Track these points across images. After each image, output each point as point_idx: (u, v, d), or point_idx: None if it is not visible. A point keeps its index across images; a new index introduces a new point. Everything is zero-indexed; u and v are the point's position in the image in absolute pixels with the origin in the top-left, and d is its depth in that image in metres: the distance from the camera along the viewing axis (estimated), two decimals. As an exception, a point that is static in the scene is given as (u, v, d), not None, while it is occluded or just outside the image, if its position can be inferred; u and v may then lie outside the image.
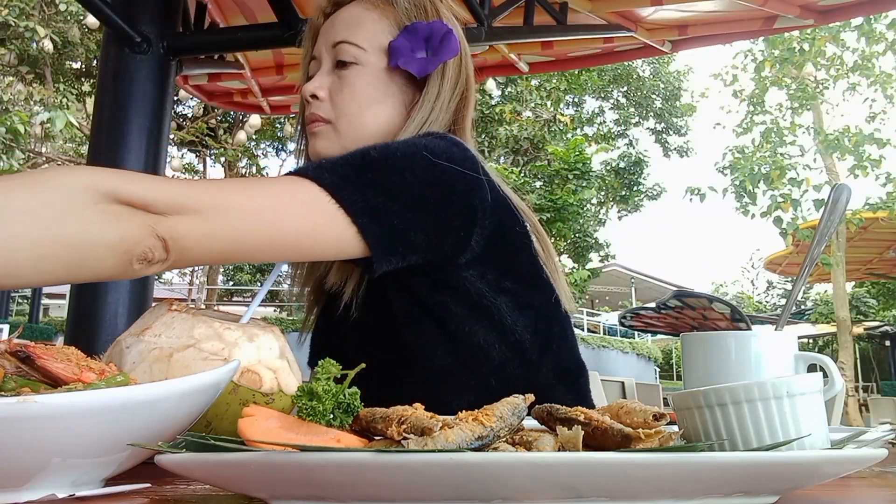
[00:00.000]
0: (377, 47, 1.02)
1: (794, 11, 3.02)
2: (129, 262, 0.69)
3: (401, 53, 1.00)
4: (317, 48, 1.05)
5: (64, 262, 0.65)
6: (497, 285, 0.97)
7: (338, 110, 1.01)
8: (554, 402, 0.57)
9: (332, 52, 1.02)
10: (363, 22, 1.02)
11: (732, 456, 0.48)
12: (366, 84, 1.00)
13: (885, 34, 11.62)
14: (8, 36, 10.57)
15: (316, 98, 1.01)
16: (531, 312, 1.00)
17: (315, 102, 1.01)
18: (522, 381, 0.95)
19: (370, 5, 1.04)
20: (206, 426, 0.72)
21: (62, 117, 5.87)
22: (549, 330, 1.03)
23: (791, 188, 10.79)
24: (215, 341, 0.73)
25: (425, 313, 0.96)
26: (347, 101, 1.00)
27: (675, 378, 23.31)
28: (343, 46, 1.01)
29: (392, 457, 0.44)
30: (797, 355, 0.71)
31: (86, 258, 0.66)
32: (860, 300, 20.31)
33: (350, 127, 1.00)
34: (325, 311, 1.12)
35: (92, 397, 0.53)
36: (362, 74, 1.01)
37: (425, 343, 0.96)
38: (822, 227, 0.80)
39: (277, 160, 16.48)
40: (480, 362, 0.96)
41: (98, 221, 0.66)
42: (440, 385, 0.96)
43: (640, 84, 19.02)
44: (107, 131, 2.58)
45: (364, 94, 1.00)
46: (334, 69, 1.02)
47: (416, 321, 0.96)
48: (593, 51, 3.66)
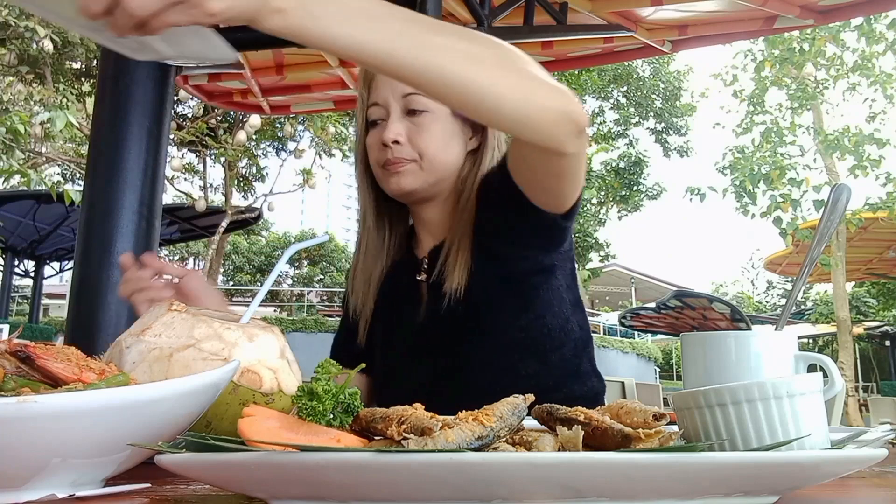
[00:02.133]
0: None
1: (794, 11, 3.02)
2: (575, 132, 0.84)
3: None
4: (380, 97, 1.17)
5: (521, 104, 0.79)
6: (569, 282, 1.20)
7: (419, 151, 1.15)
8: (590, 392, 0.63)
9: (402, 101, 1.15)
10: None
11: (732, 456, 0.48)
12: (440, 128, 1.16)
13: (885, 34, 11.61)
14: (8, 36, 10.56)
15: (397, 143, 1.14)
16: (580, 313, 1.22)
17: (396, 147, 1.15)
18: (572, 366, 1.19)
19: None
20: (206, 426, 0.72)
21: (62, 117, 5.87)
22: (586, 334, 1.23)
23: (791, 188, 10.78)
24: (215, 341, 0.73)
25: (515, 292, 1.15)
26: (427, 143, 1.15)
27: (675, 378, 23.31)
28: (414, 97, 1.14)
29: (392, 457, 0.44)
30: (797, 355, 0.71)
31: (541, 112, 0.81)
32: (860, 300, 20.30)
33: (433, 164, 1.16)
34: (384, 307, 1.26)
35: (92, 397, 0.53)
36: (436, 120, 1.16)
37: (504, 318, 1.14)
38: (822, 227, 0.80)
39: (277, 160, 16.46)
40: (545, 340, 1.16)
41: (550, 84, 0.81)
42: (509, 354, 1.14)
43: (640, 84, 19.01)
44: (107, 131, 2.58)
45: (439, 136, 1.16)
46: (405, 116, 1.16)
47: (500, 298, 1.14)
48: (593, 51, 3.67)
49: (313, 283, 29.74)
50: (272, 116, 12.94)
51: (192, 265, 27.12)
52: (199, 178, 15.47)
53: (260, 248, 27.91)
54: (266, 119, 12.95)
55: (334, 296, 27.96)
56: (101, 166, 2.56)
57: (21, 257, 12.82)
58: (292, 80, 3.98)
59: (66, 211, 10.30)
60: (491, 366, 1.13)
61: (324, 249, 28.09)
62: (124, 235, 2.55)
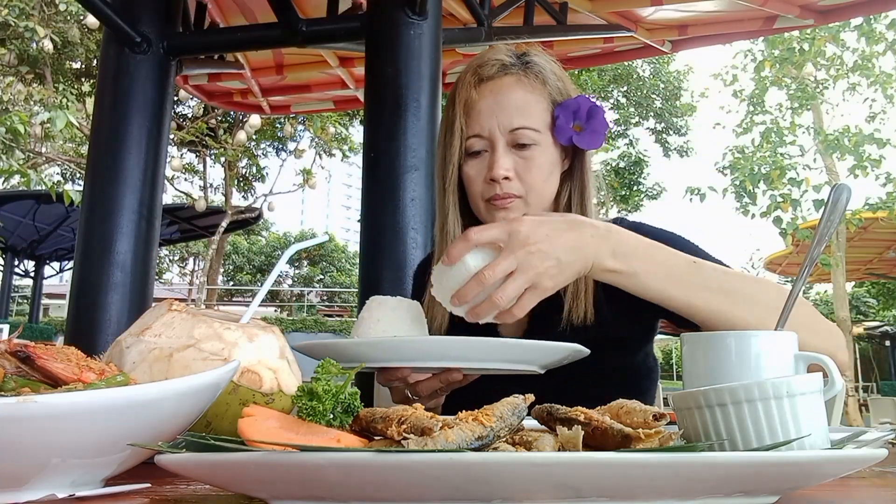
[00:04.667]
0: (545, 127, 1.15)
1: (794, 11, 3.02)
2: None
3: (565, 131, 1.15)
4: (484, 129, 1.14)
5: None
6: (652, 327, 1.24)
7: (527, 187, 1.13)
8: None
9: (510, 136, 1.13)
10: (531, 105, 1.14)
11: (732, 456, 0.48)
12: (546, 162, 1.15)
13: (885, 34, 11.61)
14: (8, 36, 10.57)
15: (507, 179, 1.12)
16: (650, 354, 1.28)
17: (506, 183, 1.12)
18: (646, 394, 1.25)
19: (529, 87, 1.15)
20: (206, 426, 0.72)
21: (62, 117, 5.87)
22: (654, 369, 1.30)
23: (791, 188, 10.78)
24: (215, 341, 0.73)
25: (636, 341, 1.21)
26: (535, 178, 1.13)
27: (675, 378, 23.30)
28: (523, 132, 1.13)
29: (392, 457, 0.44)
30: (797, 355, 0.71)
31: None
32: (860, 300, 20.30)
33: (537, 199, 1.15)
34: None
35: (92, 397, 0.53)
36: (543, 154, 1.14)
37: (619, 358, 1.18)
38: (822, 227, 0.80)
39: (277, 160, 16.46)
40: (638, 373, 1.24)
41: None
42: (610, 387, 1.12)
43: (640, 84, 19.01)
44: (107, 131, 2.58)
45: (546, 170, 1.15)
46: (511, 149, 1.13)
47: (625, 345, 1.20)
48: (593, 51, 3.67)
49: (313, 283, 29.76)
50: (272, 116, 12.94)
51: (192, 265, 27.11)
52: (199, 178, 15.48)
53: (260, 248, 27.92)
54: (266, 119, 12.95)
55: (334, 296, 27.95)
56: (101, 166, 2.56)
57: (21, 257, 12.82)
58: (292, 80, 3.98)
59: (66, 211, 10.30)
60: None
61: (324, 249, 28.10)
62: (124, 235, 2.55)
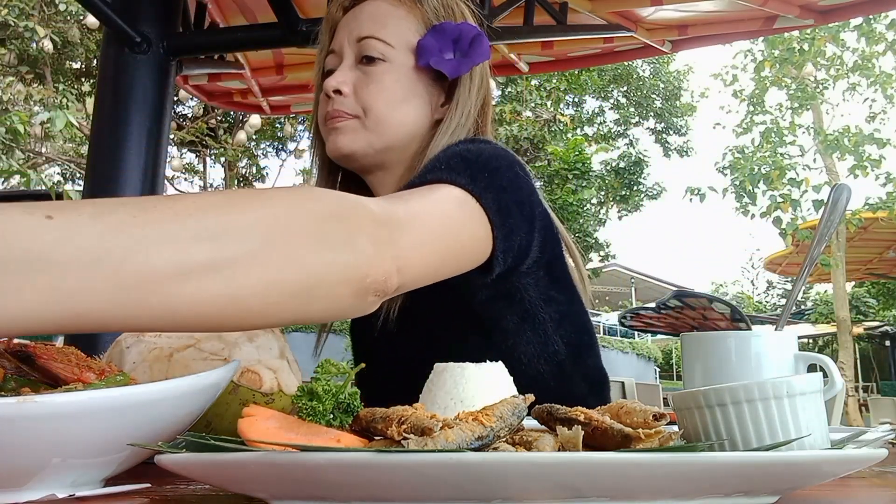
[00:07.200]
0: (405, 45, 0.99)
1: (794, 11, 3.02)
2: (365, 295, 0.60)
3: (430, 53, 0.98)
4: (336, 42, 1.01)
5: (294, 291, 0.55)
6: (546, 294, 0.97)
7: (365, 106, 0.97)
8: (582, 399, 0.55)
9: (356, 46, 0.98)
10: (390, 18, 1.00)
11: (732, 456, 0.48)
12: (394, 81, 0.97)
13: (885, 34, 11.61)
14: (8, 36, 10.57)
15: (339, 93, 0.97)
16: (568, 323, 1.00)
17: (338, 98, 0.97)
18: (557, 392, 0.92)
19: (396, 2, 1.01)
20: (206, 426, 0.72)
21: (62, 117, 5.88)
22: (580, 340, 1.02)
23: (791, 188, 10.79)
24: (215, 341, 0.73)
25: (474, 325, 0.94)
26: (375, 97, 0.96)
27: (675, 378, 23.30)
28: (369, 42, 0.97)
29: (392, 457, 0.44)
30: (797, 355, 0.71)
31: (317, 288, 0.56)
32: (860, 300, 20.30)
33: (378, 124, 0.97)
34: (359, 325, 1.09)
35: (92, 397, 0.53)
36: (390, 71, 0.97)
37: (466, 356, 0.85)
38: (821, 227, 0.80)
39: (277, 160, 16.47)
40: (518, 375, 0.85)
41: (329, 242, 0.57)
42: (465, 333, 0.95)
43: (640, 84, 19.01)
44: (107, 131, 2.58)
45: (392, 91, 0.97)
46: (358, 64, 0.98)
47: (461, 333, 0.95)
48: (593, 51, 3.66)
49: (313, 283, 29.70)
50: (272, 116, 12.93)
51: (192, 265, 27.04)
52: (199, 178, 15.47)
53: (260, 248, 27.89)
54: (266, 119, 12.95)
55: (334, 296, 27.85)
56: (101, 166, 2.56)
57: (21, 257, 12.79)
58: (292, 80, 3.98)
59: (66, 211, 10.27)
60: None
61: (324, 249, 28.03)
62: (124, 235, 2.54)
